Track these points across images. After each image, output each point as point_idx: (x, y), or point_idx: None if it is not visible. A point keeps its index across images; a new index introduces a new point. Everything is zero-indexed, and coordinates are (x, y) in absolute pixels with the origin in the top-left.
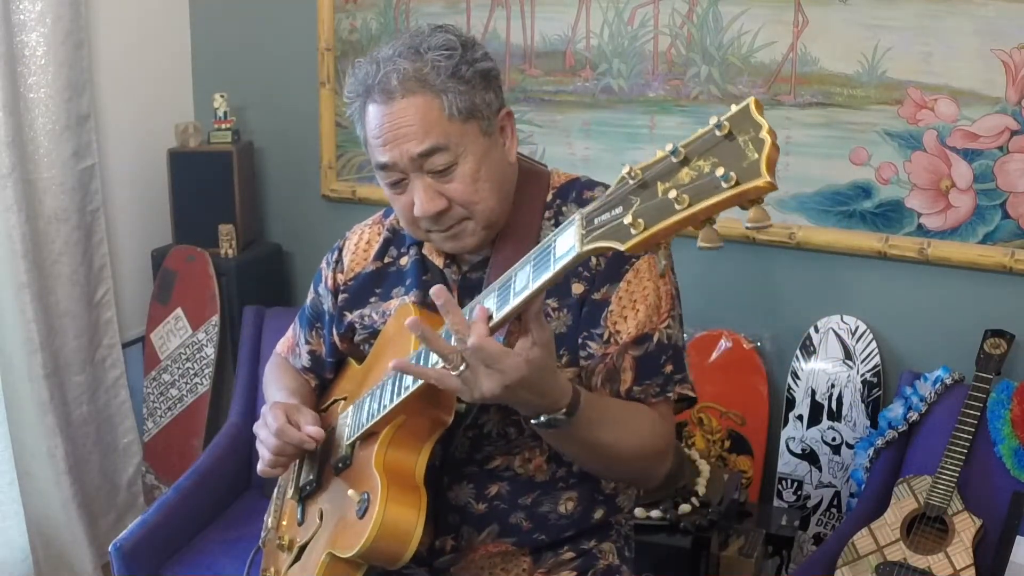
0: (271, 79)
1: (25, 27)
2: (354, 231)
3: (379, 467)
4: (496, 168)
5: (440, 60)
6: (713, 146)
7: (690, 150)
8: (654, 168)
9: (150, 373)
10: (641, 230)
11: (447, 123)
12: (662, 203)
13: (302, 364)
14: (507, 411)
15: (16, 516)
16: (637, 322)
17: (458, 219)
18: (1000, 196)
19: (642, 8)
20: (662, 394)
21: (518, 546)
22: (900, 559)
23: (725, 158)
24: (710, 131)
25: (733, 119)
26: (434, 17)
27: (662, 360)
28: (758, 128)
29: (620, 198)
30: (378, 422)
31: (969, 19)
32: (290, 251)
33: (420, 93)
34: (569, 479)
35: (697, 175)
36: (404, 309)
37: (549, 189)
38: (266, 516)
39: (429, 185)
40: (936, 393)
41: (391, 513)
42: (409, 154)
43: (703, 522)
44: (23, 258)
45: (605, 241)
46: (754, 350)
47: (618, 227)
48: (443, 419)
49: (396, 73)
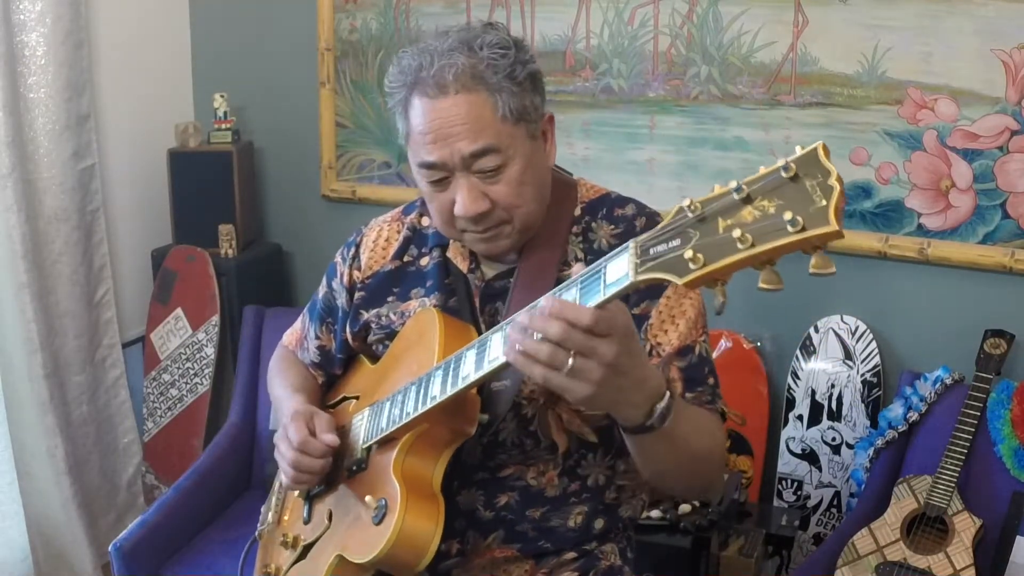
0: (271, 79)
1: (25, 27)
2: (371, 227)
3: (398, 474)
4: (539, 173)
5: (496, 58)
6: (778, 187)
7: (754, 189)
8: (715, 203)
9: (150, 373)
10: (700, 265)
11: (499, 124)
12: (724, 240)
13: (310, 359)
14: (525, 421)
15: (16, 516)
16: (679, 334)
17: (497, 222)
18: (1000, 196)
19: (642, 8)
20: (712, 404)
21: (522, 552)
22: (900, 559)
23: (791, 201)
24: (776, 171)
25: (800, 161)
26: (434, 17)
27: (705, 371)
28: (827, 174)
29: (678, 230)
30: (399, 429)
31: (969, 19)
32: (290, 251)
33: (475, 91)
34: (582, 494)
35: (761, 215)
36: (427, 315)
37: (578, 203)
38: (264, 507)
39: (474, 185)
40: (936, 393)
41: (409, 523)
42: (460, 153)
43: (703, 522)
44: (23, 258)
45: (661, 272)
46: (754, 350)
47: (676, 260)
48: (466, 430)
49: (452, 67)
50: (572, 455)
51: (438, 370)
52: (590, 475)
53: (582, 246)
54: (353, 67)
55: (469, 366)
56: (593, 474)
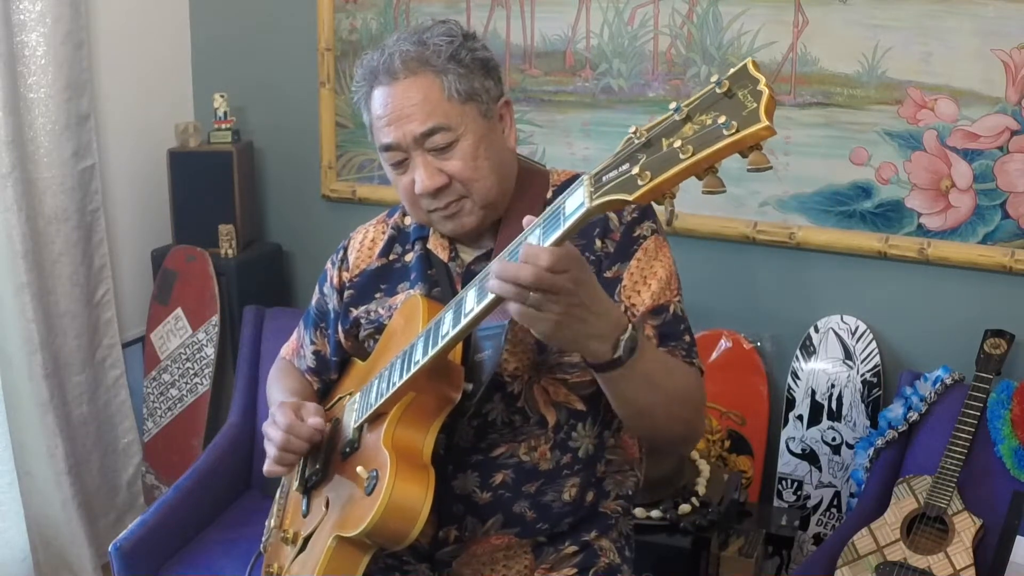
0: (271, 79)
1: (25, 27)
2: (358, 231)
3: (388, 444)
4: (495, 150)
5: (441, 45)
6: (714, 103)
7: (692, 108)
8: (659, 127)
9: (150, 373)
10: (648, 180)
11: (447, 104)
12: (667, 154)
13: (306, 365)
14: (512, 399)
15: (16, 516)
16: (651, 293)
17: (457, 196)
18: (1000, 196)
19: (642, 8)
20: (688, 358)
21: (521, 537)
22: (900, 559)
23: (726, 111)
24: (711, 89)
25: (732, 77)
26: (434, 17)
27: (681, 328)
28: (756, 82)
29: (626, 156)
30: (387, 401)
31: (969, 19)
32: (290, 251)
33: (421, 73)
34: (574, 466)
35: (700, 128)
36: (412, 301)
37: (550, 187)
38: (268, 519)
39: (429, 162)
40: (936, 393)
41: (399, 489)
42: (412, 134)
43: (703, 522)
44: (23, 258)
45: (613, 194)
46: (754, 350)
47: (626, 180)
48: (451, 396)
49: (399, 54)
50: (562, 427)
51: (420, 338)
52: (580, 446)
53: None
54: (353, 67)
55: (447, 325)
56: (584, 445)
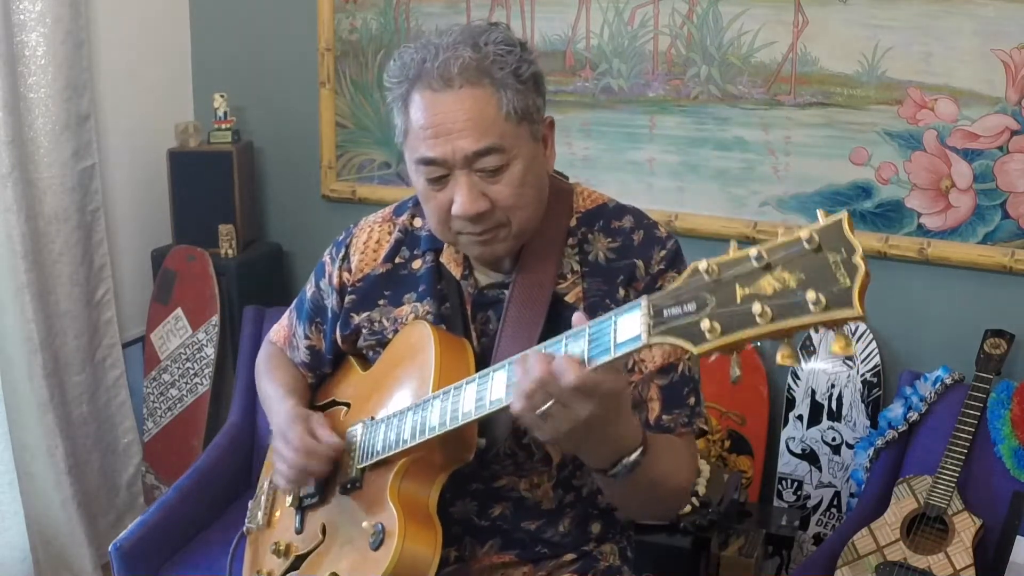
0: (271, 79)
1: (25, 27)
2: (362, 227)
3: (394, 499)
4: (539, 176)
5: (502, 54)
6: (799, 258)
7: (774, 258)
8: (732, 268)
9: (150, 373)
10: (717, 336)
11: (503, 122)
12: (742, 313)
13: (300, 359)
14: (518, 433)
15: (16, 516)
16: (663, 352)
17: (495, 224)
18: (1000, 196)
19: (642, 8)
20: (689, 425)
21: (520, 558)
22: (900, 559)
23: (813, 277)
24: (797, 241)
25: (823, 233)
26: (434, 17)
27: (685, 391)
28: (851, 250)
29: (692, 293)
30: (394, 454)
31: (969, 19)
32: (290, 251)
33: (480, 85)
34: (576, 504)
35: (782, 288)
36: (421, 331)
37: (573, 213)
38: (251, 503)
39: (475, 184)
40: (936, 393)
41: (408, 550)
42: (463, 152)
43: (703, 522)
44: (23, 258)
45: (676, 339)
46: (754, 350)
47: (691, 326)
48: (463, 457)
49: (457, 60)
50: (566, 466)
51: (436, 399)
52: (584, 485)
53: (578, 258)
54: (353, 67)
55: (469, 403)
56: (587, 485)
